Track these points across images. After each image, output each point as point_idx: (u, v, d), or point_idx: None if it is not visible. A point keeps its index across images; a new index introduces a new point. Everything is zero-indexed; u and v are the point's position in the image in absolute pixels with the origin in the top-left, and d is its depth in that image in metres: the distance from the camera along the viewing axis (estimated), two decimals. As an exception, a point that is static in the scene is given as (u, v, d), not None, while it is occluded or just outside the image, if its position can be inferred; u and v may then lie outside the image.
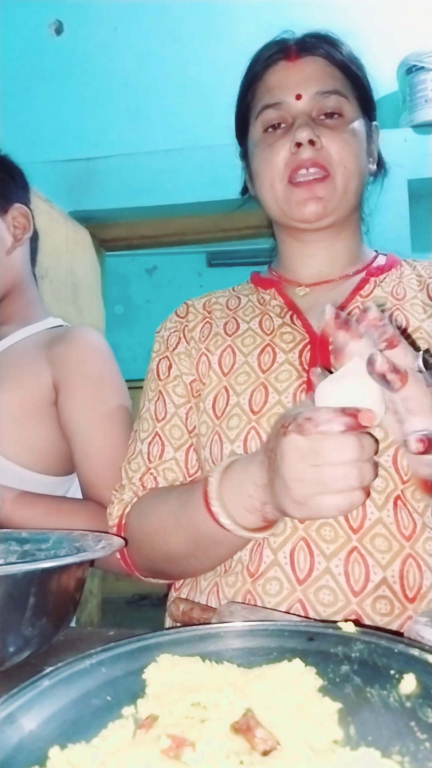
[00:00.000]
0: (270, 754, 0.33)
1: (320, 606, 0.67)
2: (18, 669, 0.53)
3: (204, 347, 0.85)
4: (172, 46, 2.82)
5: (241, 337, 0.83)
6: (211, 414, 0.80)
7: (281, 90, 0.80)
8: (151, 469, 0.82)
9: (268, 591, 0.69)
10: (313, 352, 0.78)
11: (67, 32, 2.90)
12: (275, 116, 0.80)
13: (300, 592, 0.68)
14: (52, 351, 1.00)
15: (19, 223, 1.09)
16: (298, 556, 0.69)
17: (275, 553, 0.70)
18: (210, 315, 0.88)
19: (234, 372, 0.80)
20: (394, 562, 0.68)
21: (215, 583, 0.75)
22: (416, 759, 0.32)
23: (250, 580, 0.71)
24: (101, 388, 0.99)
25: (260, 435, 0.74)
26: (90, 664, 0.41)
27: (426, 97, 2.46)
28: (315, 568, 0.68)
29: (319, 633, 0.45)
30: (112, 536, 0.67)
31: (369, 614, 0.67)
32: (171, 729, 0.34)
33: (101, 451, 0.96)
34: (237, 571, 0.72)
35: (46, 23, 2.90)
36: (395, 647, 0.41)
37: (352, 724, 0.36)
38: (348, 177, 0.79)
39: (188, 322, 0.88)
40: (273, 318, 0.84)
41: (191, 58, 2.79)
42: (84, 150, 2.80)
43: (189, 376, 0.84)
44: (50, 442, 0.98)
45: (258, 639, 0.46)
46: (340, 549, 0.68)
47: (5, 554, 0.69)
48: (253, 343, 0.82)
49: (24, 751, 0.34)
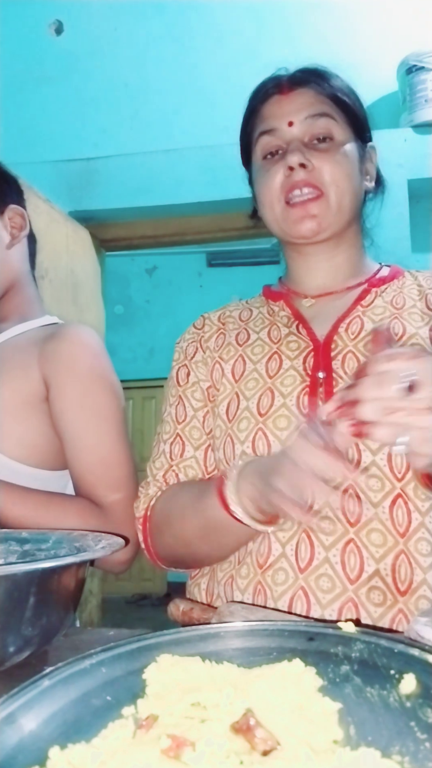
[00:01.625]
0: (270, 754, 0.33)
1: (320, 593, 0.73)
2: (18, 669, 0.53)
3: (218, 356, 0.93)
4: (172, 46, 2.82)
5: (251, 346, 0.91)
6: (224, 418, 0.87)
7: (275, 118, 0.88)
8: (173, 466, 0.89)
9: (276, 581, 0.75)
10: (316, 358, 0.84)
11: (67, 32, 2.90)
12: (271, 142, 0.88)
13: (302, 580, 0.74)
14: (43, 347, 1.01)
15: (16, 223, 1.11)
16: (300, 548, 0.76)
17: (283, 546, 0.76)
18: (224, 327, 0.96)
19: (244, 379, 0.87)
20: (387, 557, 0.74)
21: (230, 575, 0.80)
22: (416, 759, 0.32)
23: (260, 571, 0.77)
24: (92, 385, 0.99)
25: (266, 435, 0.80)
26: (90, 664, 0.41)
27: (426, 97, 2.46)
28: (315, 557, 0.75)
29: (319, 633, 0.45)
30: (111, 536, 0.67)
31: (364, 603, 0.72)
32: (171, 729, 0.34)
33: (91, 448, 0.96)
34: (248, 563, 0.79)
35: (46, 23, 2.90)
36: (395, 647, 0.41)
37: (352, 724, 0.36)
38: (341, 195, 0.85)
39: (204, 333, 0.96)
40: (280, 328, 0.91)
41: (191, 58, 2.79)
42: (84, 150, 2.81)
43: (205, 382, 0.92)
44: (43, 436, 0.98)
45: (258, 639, 0.46)
46: (338, 540, 0.75)
47: (5, 554, 0.69)
48: (261, 351, 0.89)
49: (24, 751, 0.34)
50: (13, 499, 0.90)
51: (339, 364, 0.83)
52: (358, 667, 0.41)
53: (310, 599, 0.73)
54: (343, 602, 0.72)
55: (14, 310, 1.09)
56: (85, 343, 1.03)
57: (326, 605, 0.73)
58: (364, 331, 0.84)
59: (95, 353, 1.03)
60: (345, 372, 0.82)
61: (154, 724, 0.36)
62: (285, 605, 0.74)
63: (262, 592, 0.76)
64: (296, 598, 0.74)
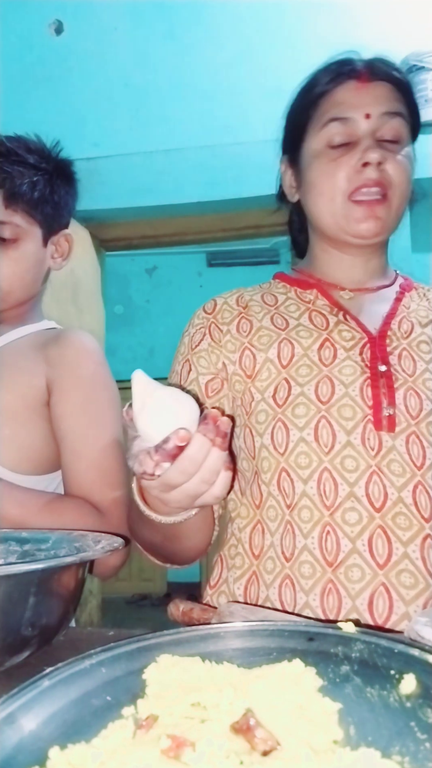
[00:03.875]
0: (270, 754, 0.33)
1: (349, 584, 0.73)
2: (18, 669, 0.53)
3: (247, 342, 0.87)
4: (172, 46, 2.82)
5: (294, 330, 0.86)
6: (271, 403, 0.83)
7: (351, 107, 0.84)
8: None
9: (303, 574, 0.75)
10: (372, 350, 0.84)
11: (67, 32, 2.90)
12: (340, 130, 0.84)
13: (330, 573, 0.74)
14: (46, 352, 1.01)
15: (61, 249, 1.08)
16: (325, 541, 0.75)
17: (306, 537, 0.76)
18: (246, 310, 0.90)
19: (294, 364, 0.84)
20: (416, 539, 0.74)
21: (253, 572, 0.80)
22: (416, 759, 0.32)
23: (288, 564, 0.76)
24: (94, 390, 0.99)
25: (331, 424, 0.79)
26: (90, 664, 0.41)
27: (426, 97, 2.46)
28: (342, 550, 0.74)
29: (319, 633, 0.45)
30: (111, 536, 0.67)
31: (395, 586, 0.72)
32: (171, 729, 0.34)
33: (89, 453, 0.96)
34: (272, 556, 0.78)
35: (46, 23, 2.90)
36: (395, 647, 0.41)
37: (352, 724, 0.36)
38: (401, 200, 0.85)
39: (220, 318, 0.90)
40: (326, 315, 0.88)
41: (191, 58, 2.79)
42: (84, 150, 2.80)
43: (205, 376, 0.88)
44: (42, 440, 0.98)
45: (258, 639, 0.46)
46: (364, 529, 0.74)
47: (5, 554, 0.69)
48: (309, 336, 0.85)
49: (24, 751, 0.34)
50: (12, 500, 0.90)
51: (396, 359, 0.83)
52: (358, 667, 0.41)
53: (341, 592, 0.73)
54: (374, 588, 0.72)
55: (15, 314, 1.09)
56: (88, 349, 1.03)
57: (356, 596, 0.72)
58: (414, 332, 0.86)
59: (98, 360, 1.03)
60: (402, 368, 0.82)
61: (154, 724, 0.36)
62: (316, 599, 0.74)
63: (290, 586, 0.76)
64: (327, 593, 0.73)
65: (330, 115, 0.84)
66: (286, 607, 0.75)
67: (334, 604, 0.73)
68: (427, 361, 0.83)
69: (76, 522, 0.90)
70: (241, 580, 0.81)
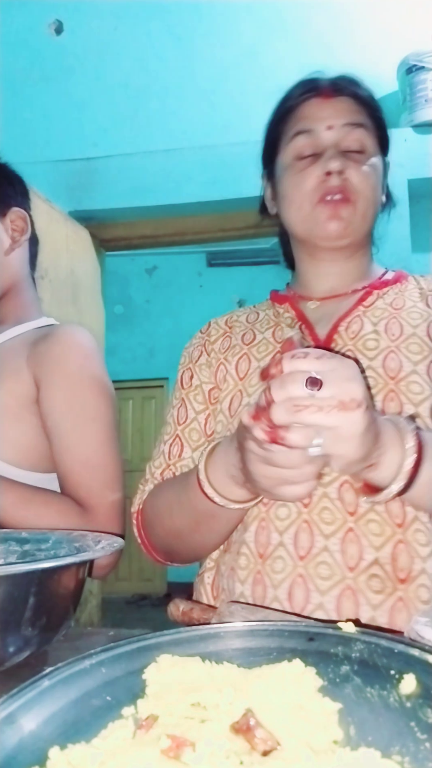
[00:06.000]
0: (270, 755, 0.33)
1: (319, 579, 0.75)
2: (18, 669, 0.53)
3: (223, 357, 0.95)
4: (171, 46, 2.82)
5: (256, 345, 0.93)
6: (226, 414, 0.89)
7: (314, 120, 0.88)
8: (170, 466, 0.91)
9: (275, 569, 0.77)
10: None
11: (67, 32, 2.91)
12: (306, 143, 0.88)
13: (301, 568, 0.76)
14: (35, 348, 1.00)
15: (17, 226, 1.10)
16: (299, 537, 0.77)
17: (281, 534, 0.78)
18: (230, 330, 0.98)
19: (248, 377, 0.89)
20: (386, 546, 0.75)
21: (231, 567, 0.81)
22: (416, 759, 0.32)
23: (260, 561, 0.78)
24: (80, 385, 0.98)
25: None
26: (90, 664, 0.41)
27: (426, 97, 2.46)
28: (314, 545, 0.76)
29: (319, 633, 0.45)
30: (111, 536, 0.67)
31: (362, 590, 0.73)
32: (171, 729, 0.34)
33: (76, 448, 0.95)
34: (246, 553, 0.80)
35: (46, 23, 2.90)
36: (395, 647, 0.41)
37: (352, 724, 0.36)
38: (366, 205, 0.87)
39: (210, 337, 0.98)
40: (284, 328, 0.93)
41: (191, 58, 2.79)
42: (84, 150, 2.81)
43: (208, 385, 0.94)
44: (36, 438, 0.98)
45: (258, 639, 0.46)
46: (338, 530, 0.76)
47: (5, 554, 0.69)
48: (266, 350, 0.91)
49: (24, 751, 0.34)
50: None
51: None
52: (358, 667, 0.41)
53: (309, 587, 0.74)
54: (342, 590, 0.73)
55: (11, 313, 1.09)
56: (76, 343, 1.02)
57: (325, 592, 0.74)
58: (363, 330, 0.86)
59: (86, 353, 1.02)
60: None
61: (154, 725, 0.36)
62: (284, 593, 0.75)
63: (261, 582, 0.77)
64: (295, 586, 0.75)
65: (296, 128, 0.89)
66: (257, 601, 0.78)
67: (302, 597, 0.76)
68: (370, 358, 0.83)
69: (56, 518, 0.90)
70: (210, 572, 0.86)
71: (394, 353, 0.83)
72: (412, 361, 0.81)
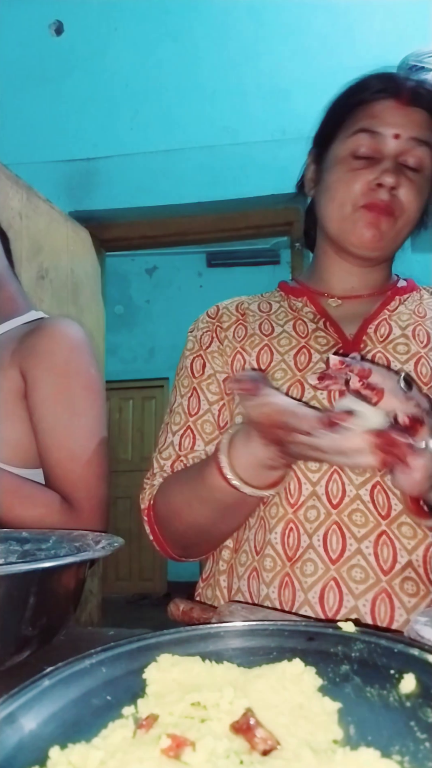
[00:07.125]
0: (270, 754, 0.33)
1: (353, 583, 0.74)
2: (18, 669, 0.53)
3: (240, 347, 0.91)
4: (172, 46, 2.82)
5: (277, 338, 0.90)
6: None
7: (383, 124, 0.85)
8: (181, 457, 0.88)
9: (305, 572, 0.76)
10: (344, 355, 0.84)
11: (67, 32, 2.91)
12: (367, 143, 0.85)
13: (334, 571, 0.74)
14: (22, 342, 0.99)
15: None
16: (330, 539, 0.76)
17: (310, 537, 0.77)
18: (243, 317, 0.95)
19: (271, 369, 0.87)
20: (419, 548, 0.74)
21: (253, 568, 0.80)
22: (416, 759, 0.32)
23: (289, 564, 0.77)
24: (67, 379, 0.96)
25: None
26: (90, 664, 0.41)
27: (426, 97, 2.46)
28: (347, 548, 0.75)
29: (319, 633, 0.45)
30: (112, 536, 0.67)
31: (397, 593, 0.73)
32: (171, 729, 0.34)
33: (61, 443, 0.94)
34: (272, 555, 0.78)
35: (46, 23, 2.90)
36: (395, 647, 0.41)
37: (352, 723, 0.36)
38: (405, 223, 0.87)
39: (221, 323, 0.95)
40: (306, 323, 0.91)
41: (191, 58, 2.79)
42: (84, 150, 2.81)
43: (222, 374, 0.91)
44: (26, 434, 0.97)
45: (258, 639, 0.46)
46: (370, 532, 0.75)
47: (5, 554, 0.69)
48: (288, 344, 0.89)
49: (24, 751, 0.34)
50: None
51: None
52: (358, 666, 0.41)
53: (343, 590, 0.73)
54: (377, 593, 0.73)
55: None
56: (63, 336, 0.99)
57: (359, 596, 0.73)
58: (393, 334, 0.87)
59: (73, 347, 0.99)
60: None
61: (154, 724, 0.36)
62: (315, 597, 0.74)
63: (289, 585, 0.76)
64: (327, 589, 0.74)
65: (362, 125, 0.86)
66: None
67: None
68: (402, 362, 0.83)
69: (41, 510, 0.89)
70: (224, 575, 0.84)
71: (425, 359, 0.83)
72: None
